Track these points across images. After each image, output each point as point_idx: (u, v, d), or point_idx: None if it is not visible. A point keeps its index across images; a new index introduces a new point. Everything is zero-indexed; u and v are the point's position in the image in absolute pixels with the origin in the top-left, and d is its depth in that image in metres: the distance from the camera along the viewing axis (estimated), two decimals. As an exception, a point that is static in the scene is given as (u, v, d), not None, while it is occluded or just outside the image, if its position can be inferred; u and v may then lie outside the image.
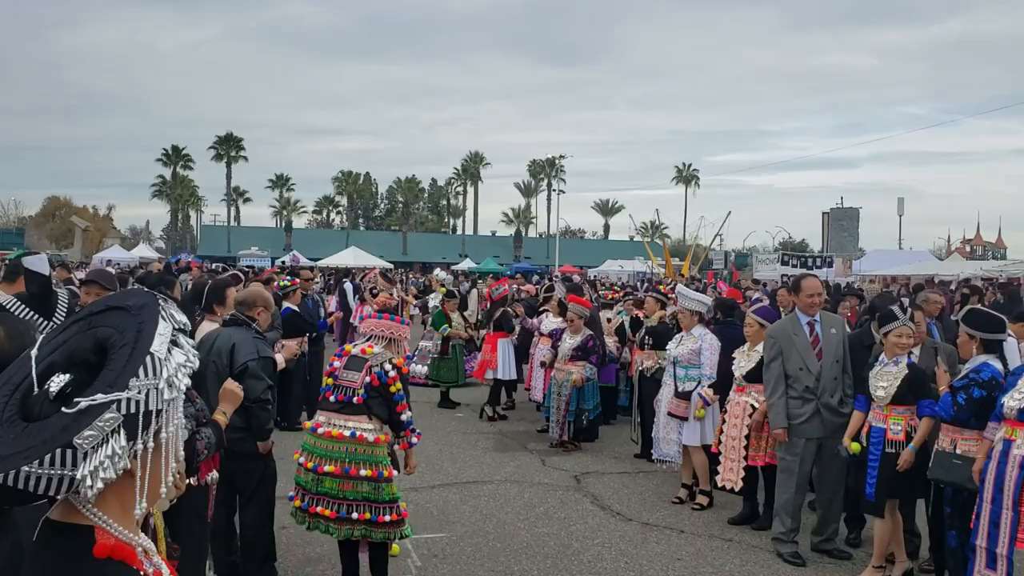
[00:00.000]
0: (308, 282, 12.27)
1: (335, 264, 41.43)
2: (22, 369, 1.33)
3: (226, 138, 73.20)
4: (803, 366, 6.47)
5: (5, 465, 1.20)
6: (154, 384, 1.29)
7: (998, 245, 74.53)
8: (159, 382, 1.29)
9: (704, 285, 23.33)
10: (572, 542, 6.75)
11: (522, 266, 48.17)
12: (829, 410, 6.46)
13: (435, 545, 6.54)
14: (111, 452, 1.23)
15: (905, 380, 5.72)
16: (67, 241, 64.51)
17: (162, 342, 1.33)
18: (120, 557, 1.32)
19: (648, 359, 9.43)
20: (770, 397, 6.60)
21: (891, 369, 5.82)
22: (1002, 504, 4.89)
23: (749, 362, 7.25)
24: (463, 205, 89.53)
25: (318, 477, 5.06)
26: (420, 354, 14.66)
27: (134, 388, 1.26)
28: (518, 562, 6.29)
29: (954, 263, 34.68)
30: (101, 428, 1.22)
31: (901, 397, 5.72)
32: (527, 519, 7.31)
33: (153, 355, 1.30)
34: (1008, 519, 4.87)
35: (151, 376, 1.28)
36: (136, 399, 1.26)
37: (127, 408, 1.25)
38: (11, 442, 1.22)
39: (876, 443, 5.81)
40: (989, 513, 4.98)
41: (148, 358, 1.29)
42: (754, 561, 6.45)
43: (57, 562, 1.29)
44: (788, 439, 6.49)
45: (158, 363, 1.30)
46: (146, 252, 49.86)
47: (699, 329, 8.12)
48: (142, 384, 1.27)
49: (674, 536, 7.00)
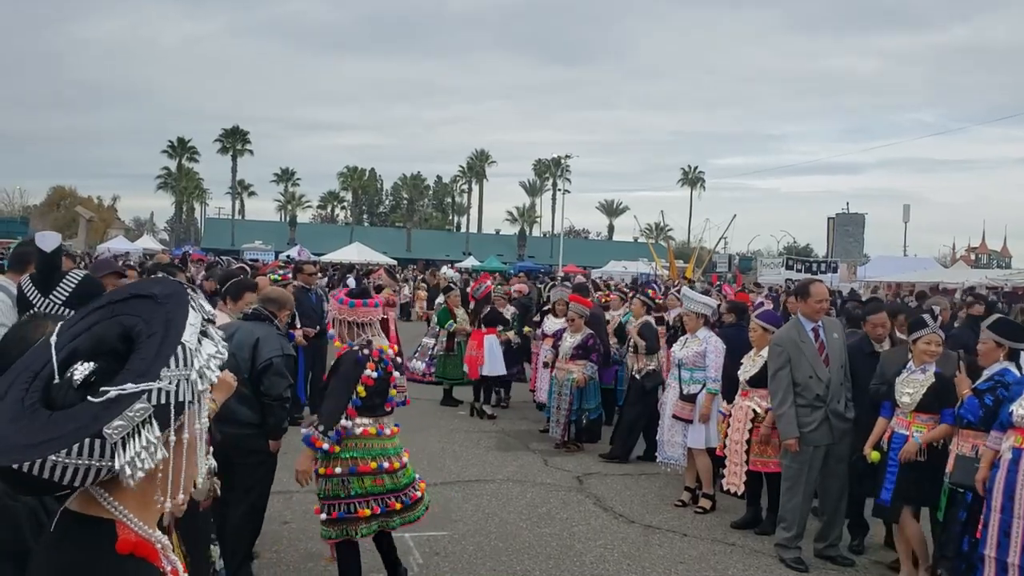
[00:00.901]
0: (312, 276, 12.13)
1: (339, 259, 41.45)
2: (42, 356, 1.29)
3: (232, 131, 73.13)
4: (813, 374, 6.41)
5: (33, 453, 1.17)
6: (186, 374, 1.26)
7: (1003, 254, 74.38)
8: (191, 372, 1.27)
9: (707, 288, 23.27)
10: (574, 543, 6.72)
11: (526, 265, 48.15)
12: (837, 416, 6.42)
13: (437, 543, 6.51)
14: (146, 443, 1.21)
15: (932, 389, 5.69)
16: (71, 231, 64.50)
17: (192, 332, 1.30)
18: (142, 554, 1.29)
19: (637, 362, 9.49)
20: (779, 407, 6.49)
21: (918, 377, 5.79)
22: (1013, 513, 4.86)
23: (754, 367, 7.23)
24: (468, 203, 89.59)
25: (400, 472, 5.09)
26: (421, 350, 14.64)
27: (165, 378, 1.23)
28: (520, 562, 6.27)
29: (959, 271, 34.54)
30: (131, 418, 1.20)
31: (927, 405, 5.70)
32: (529, 519, 7.28)
33: (184, 345, 1.27)
34: (1020, 528, 4.83)
35: (183, 366, 1.25)
36: (168, 389, 1.23)
37: (158, 399, 1.22)
38: (38, 430, 1.19)
39: (896, 449, 5.77)
40: (999, 523, 4.94)
41: (180, 348, 1.26)
42: (757, 566, 6.42)
43: (77, 554, 1.27)
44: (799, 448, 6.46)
45: (189, 353, 1.27)
46: (150, 244, 49.90)
47: (704, 332, 8.09)
48: (173, 374, 1.24)
49: (677, 539, 6.97)
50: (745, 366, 7.35)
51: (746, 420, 7.17)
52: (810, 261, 39.99)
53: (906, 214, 57.19)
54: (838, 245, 54.51)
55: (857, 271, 39.31)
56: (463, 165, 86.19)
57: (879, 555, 6.79)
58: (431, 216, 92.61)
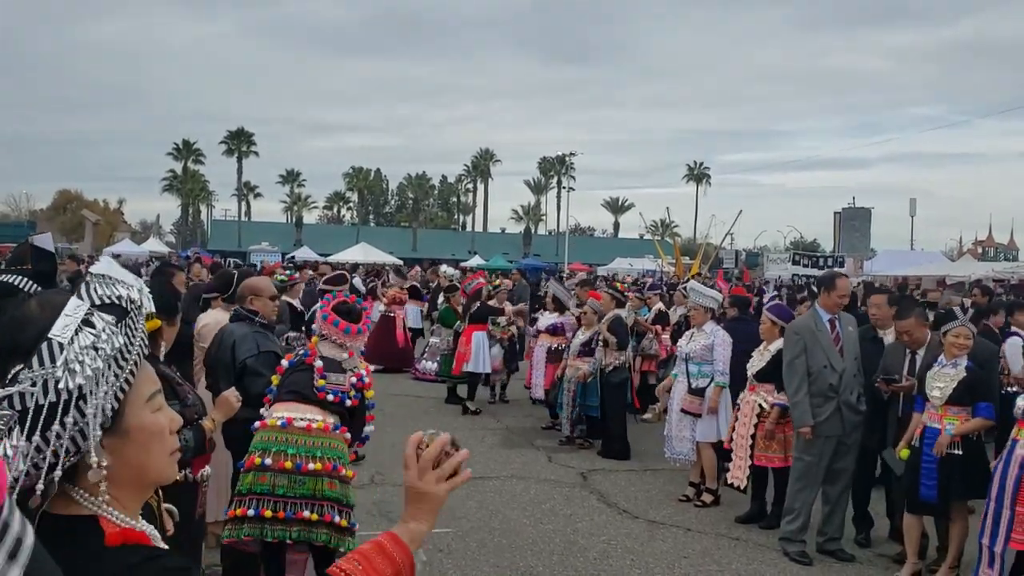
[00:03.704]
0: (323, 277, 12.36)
1: (345, 260, 41.46)
2: None
3: (237, 133, 73.25)
4: (827, 363, 6.41)
5: None
6: (48, 373, 1.16)
7: (1010, 247, 74.07)
8: (56, 370, 1.16)
9: (713, 283, 23.23)
10: (578, 539, 6.72)
11: (531, 263, 48.08)
12: (849, 408, 6.41)
13: (440, 540, 6.51)
14: (2, 453, 1.11)
15: (962, 383, 5.64)
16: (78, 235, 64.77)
17: (67, 323, 1.20)
18: (134, 540, 1.28)
19: (608, 356, 9.56)
20: (794, 395, 6.48)
21: (949, 371, 5.74)
22: (1003, 503, 4.87)
23: (762, 360, 7.22)
24: (473, 202, 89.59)
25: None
26: (430, 350, 14.65)
27: (25, 380, 1.16)
28: (523, 558, 6.27)
29: (966, 264, 34.43)
30: None
31: (957, 398, 5.65)
32: (533, 515, 7.28)
33: (51, 340, 1.18)
34: (1005, 518, 4.84)
35: (46, 364, 1.16)
36: (29, 391, 1.15)
37: (22, 402, 1.14)
38: None
39: (931, 443, 5.70)
40: (993, 512, 4.95)
41: (44, 344, 1.17)
42: (760, 560, 6.41)
43: (70, 556, 1.23)
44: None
45: (56, 348, 1.17)
46: (156, 246, 50.06)
47: (710, 325, 8.08)
48: (35, 375, 1.15)
49: (680, 534, 6.96)
50: (753, 360, 7.33)
51: (752, 414, 7.16)
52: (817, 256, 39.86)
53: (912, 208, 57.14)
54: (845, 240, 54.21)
55: (864, 265, 39.19)
56: (468, 164, 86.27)
57: (883, 548, 6.77)
58: (437, 215, 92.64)
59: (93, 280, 1.29)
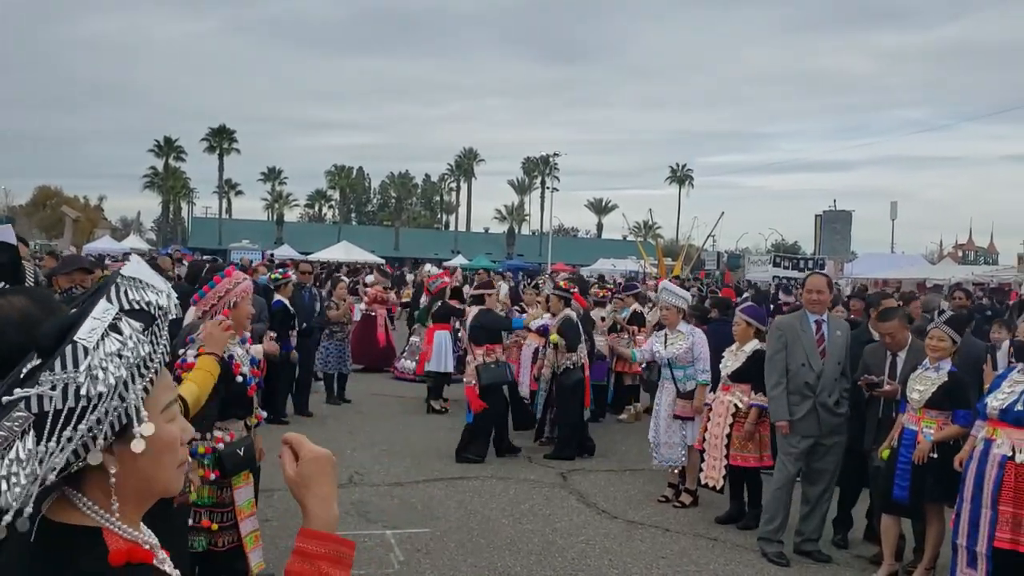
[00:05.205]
0: (307, 275, 12.29)
1: (327, 258, 41.33)
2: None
3: (219, 130, 72.79)
4: (805, 362, 6.45)
5: None
6: (71, 378, 1.12)
7: (990, 251, 74.81)
8: (78, 375, 1.13)
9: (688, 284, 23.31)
10: (556, 539, 6.71)
11: (514, 263, 48.09)
12: (826, 409, 6.43)
13: (418, 540, 6.49)
14: (15, 456, 1.08)
15: (942, 387, 5.66)
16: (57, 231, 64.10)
17: (94, 327, 1.17)
18: (139, 559, 1.22)
19: (557, 358, 9.51)
20: (772, 389, 6.54)
21: (930, 375, 5.76)
22: (981, 503, 4.89)
23: (736, 361, 7.22)
24: (456, 201, 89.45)
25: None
26: (410, 349, 14.60)
27: (46, 383, 1.12)
28: (501, 558, 6.25)
29: (946, 267, 34.73)
30: (10, 428, 1.08)
31: (936, 402, 5.68)
32: (512, 515, 7.27)
33: (76, 344, 1.14)
34: (987, 518, 4.86)
35: (70, 368, 1.12)
36: (48, 395, 1.11)
37: (39, 406, 1.11)
38: None
39: (908, 445, 5.73)
40: (968, 512, 4.98)
41: (70, 347, 1.14)
42: (738, 560, 6.42)
43: (68, 571, 1.18)
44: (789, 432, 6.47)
45: (80, 353, 1.14)
46: (137, 243, 49.68)
47: (685, 325, 8.06)
48: (56, 378, 1.12)
49: (659, 534, 6.97)
50: (726, 360, 7.34)
51: (727, 414, 7.16)
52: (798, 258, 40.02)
53: (893, 211, 57.36)
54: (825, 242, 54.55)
55: (844, 268, 39.39)
56: (451, 163, 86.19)
57: (859, 549, 6.80)
58: (419, 215, 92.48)
59: (124, 283, 1.25)
